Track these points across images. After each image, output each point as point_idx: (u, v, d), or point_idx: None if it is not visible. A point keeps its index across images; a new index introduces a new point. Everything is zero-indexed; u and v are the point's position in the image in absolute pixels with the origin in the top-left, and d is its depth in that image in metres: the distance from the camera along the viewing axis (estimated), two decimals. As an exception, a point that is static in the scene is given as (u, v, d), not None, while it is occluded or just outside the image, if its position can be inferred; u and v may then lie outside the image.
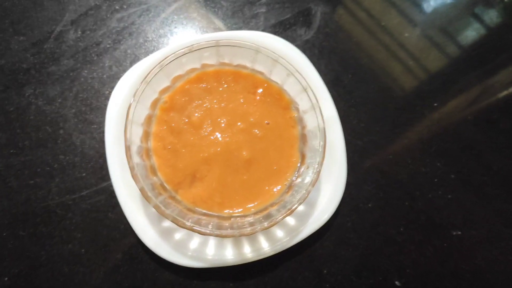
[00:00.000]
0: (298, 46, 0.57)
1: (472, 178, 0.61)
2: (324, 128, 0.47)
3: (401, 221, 0.57)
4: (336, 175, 0.53)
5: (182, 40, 0.56)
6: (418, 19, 0.70)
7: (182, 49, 0.48)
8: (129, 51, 0.62)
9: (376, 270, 0.55)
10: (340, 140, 0.54)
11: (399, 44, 0.68)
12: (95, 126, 0.58)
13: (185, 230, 0.50)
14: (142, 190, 0.43)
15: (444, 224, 0.58)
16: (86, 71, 0.61)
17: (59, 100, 0.59)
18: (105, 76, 0.61)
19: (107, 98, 0.58)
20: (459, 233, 0.58)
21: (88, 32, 0.63)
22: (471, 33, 0.69)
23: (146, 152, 0.48)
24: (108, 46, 0.62)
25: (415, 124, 0.63)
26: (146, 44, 0.63)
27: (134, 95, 0.46)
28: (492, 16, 0.71)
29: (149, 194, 0.43)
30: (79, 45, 0.62)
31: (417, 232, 0.57)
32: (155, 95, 0.49)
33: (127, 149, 0.44)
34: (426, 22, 0.71)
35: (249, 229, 0.43)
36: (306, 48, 0.62)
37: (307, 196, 0.44)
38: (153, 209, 0.50)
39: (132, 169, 0.43)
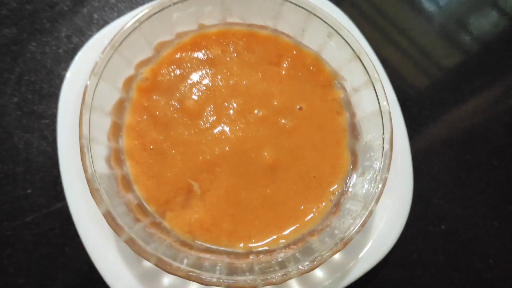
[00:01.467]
0: (333, 3, 0.50)
1: None
2: (390, 113, 0.38)
3: (490, 250, 0.48)
4: (398, 186, 0.45)
5: None
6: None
7: None
8: (95, 15, 0.54)
9: None
10: (403, 134, 0.46)
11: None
12: (46, 121, 0.50)
13: None
14: (107, 216, 0.34)
15: (552, 252, 0.49)
16: (34, 44, 0.53)
17: None
18: (61, 50, 0.53)
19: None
20: None
21: None
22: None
23: (115, 156, 0.40)
24: (66, 8, 0.55)
25: (500, 109, 0.54)
26: (119, 5, 0.55)
27: (95, 67, 0.37)
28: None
29: (119, 221, 0.34)
30: (26, 8, 0.54)
31: None
32: (130, 70, 0.42)
33: (83, 150, 0.36)
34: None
35: (279, 273, 0.34)
36: (343, 8, 0.51)
37: (368, 218, 0.35)
38: None
39: (91, 181, 0.35)
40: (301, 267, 0.34)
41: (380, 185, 0.36)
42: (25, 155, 0.49)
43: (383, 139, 0.38)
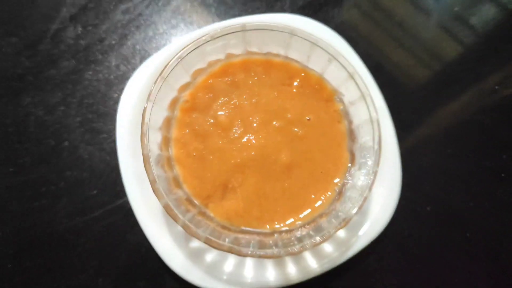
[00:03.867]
0: (331, 29, 0.53)
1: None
2: (378, 120, 0.42)
3: (467, 226, 0.52)
4: (389, 176, 0.48)
5: (199, 30, 0.51)
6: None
7: (203, 36, 0.44)
8: (138, 46, 0.58)
9: (441, 285, 0.50)
10: (391, 135, 0.50)
11: (450, 19, 0.62)
12: (104, 135, 0.54)
13: (218, 251, 0.44)
14: (166, 207, 0.38)
15: (519, 225, 0.51)
16: (90, 73, 0.56)
17: (61, 108, 0.55)
18: (112, 76, 0.56)
19: (116, 102, 0.54)
20: (538, 234, 0.51)
21: (90, 28, 0.58)
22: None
23: (167, 162, 0.44)
24: (113, 42, 0.58)
25: (475, 112, 0.57)
26: (156, 37, 0.58)
27: (149, 95, 0.41)
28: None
29: (175, 211, 0.38)
30: (80, 43, 0.57)
31: (488, 238, 0.51)
32: (174, 94, 0.46)
33: (146, 159, 0.39)
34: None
35: (298, 246, 0.38)
36: (341, 31, 0.54)
37: (364, 202, 0.40)
38: (179, 229, 0.46)
39: (153, 182, 0.39)
40: (313, 241, 0.38)
41: (372, 177, 0.40)
42: (89, 164, 0.52)
43: (374, 141, 0.41)
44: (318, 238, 0.38)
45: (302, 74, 0.48)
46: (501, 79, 0.59)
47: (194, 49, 0.43)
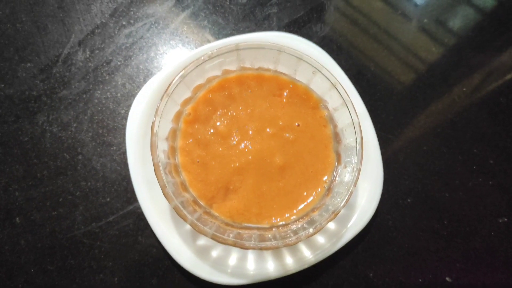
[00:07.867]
0: (315, 43, 0.56)
1: (512, 161, 0.58)
2: (359, 124, 0.45)
3: (444, 214, 0.55)
4: (372, 173, 0.51)
5: (196, 49, 0.54)
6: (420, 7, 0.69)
7: (202, 56, 0.46)
8: (141, 66, 0.61)
9: (424, 268, 0.53)
10: (373, 136, 0.52)
11: (419, 30, 0.66)
12: (114, 147, 0.57)
13: (222, 247, 0.48)
14: (176, 209, 0.41)
15: (489, 212, 0.56)
16: (99, 92, 0.59)
17: (74, 125, 0.57)
18: (119, 94, 0.59)
19: (123, 117, 0.57)
20: (506, 220, 0.56)
21: (97, 51, 0.61)
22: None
23: (174, 168, 0.46)
24: (119, 63, 0.61)
25: (447, 111, 0.61)
26: (157, 57, 0.61)
27: (156, 110, 0.44)
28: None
29: (184, 212, 0.41)
30: (89, 65, 0.60)
31: (462, 223, 0.55)
32: (177, 108, 0.48)
33: (156, 167, 0.42)
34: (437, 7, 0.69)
35: (293, 238, 0.41)
36: (324, 45, 0.60)
37: (350, 196, 0.42)
38: (186, 228, 0.49)
39: (163, 187, 0.41)
40: (307, 233, 0.40)
41: (356, 174, 0.43)
42: (102, 174, 0.55)
43: (356, 142, 0.44)
44: (311, 230, 0.41)
45: (291, 86, 0.50)
46: (468, 83, 0.63)
47: (195, 68, 0.46)
